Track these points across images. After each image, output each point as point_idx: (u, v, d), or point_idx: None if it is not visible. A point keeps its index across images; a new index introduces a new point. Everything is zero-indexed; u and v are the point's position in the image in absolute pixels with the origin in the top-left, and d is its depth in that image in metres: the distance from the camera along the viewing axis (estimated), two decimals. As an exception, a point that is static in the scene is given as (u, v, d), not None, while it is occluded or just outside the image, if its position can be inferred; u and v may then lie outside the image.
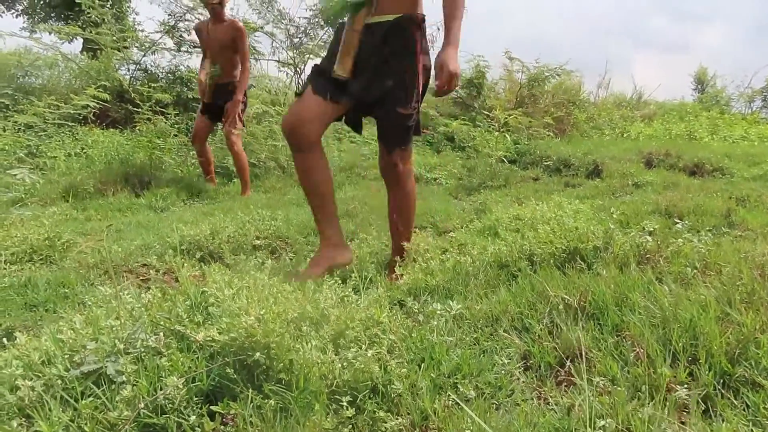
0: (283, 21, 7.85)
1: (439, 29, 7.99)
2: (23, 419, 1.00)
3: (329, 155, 6.32)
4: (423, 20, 2.12)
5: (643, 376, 1.25)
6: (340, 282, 1.53)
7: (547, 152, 6.31)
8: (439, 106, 8.70)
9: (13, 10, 11.70)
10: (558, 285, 1.74)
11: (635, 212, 3.23)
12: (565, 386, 1.33)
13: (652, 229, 2.04)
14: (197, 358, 1.15)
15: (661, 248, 1.95)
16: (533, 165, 6.14)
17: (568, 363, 1.41)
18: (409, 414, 1.10)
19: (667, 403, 1.12)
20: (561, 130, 8.46)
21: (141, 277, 2.24)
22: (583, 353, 1.27)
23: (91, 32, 7.03)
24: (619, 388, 1.17)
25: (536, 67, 8.83)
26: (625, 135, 9.25)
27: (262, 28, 7.78)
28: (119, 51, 7.12)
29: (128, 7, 11.06)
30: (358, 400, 1.12)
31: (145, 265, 2.47)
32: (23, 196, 3.72)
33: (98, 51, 7.34)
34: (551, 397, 1.27)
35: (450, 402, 1.14)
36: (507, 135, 6.84)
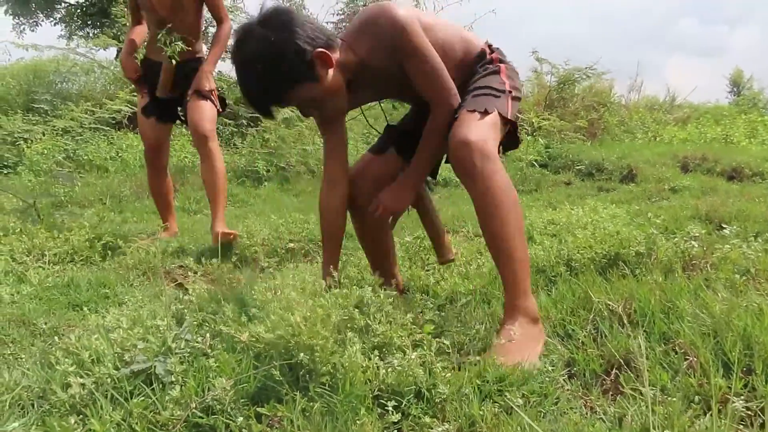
0: (311, 26, 7.91)
1: None
2: (76, 416, 1.02)
3: (357, 158, 6.35)
4: None
5: (695, 386, 1.21)
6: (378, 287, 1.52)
7: (579, 156, 6.22)
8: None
9: (51, 19, 12.08)
10: (600, 291, 1.70)
11: (674, 217, 3.15)
12: (612, 395, 1.29)
13: (697, 234, 1.98)
14: (242, 359, 1.15)
15: (707, 254, 1.90)
16: (565, 169, 6.05)
17: (613, 371, 1.38)
18: (456, 420, 1.08)
19: (724, 416, 1.07)
20: (591, 134, 8.33)
21: (181, 278, 2.27)
22: (645, 358, 1.24)
23: (123, 41, 7.21)
24: (672, 399, 1.13)
25: (566, 69, 8.72)
26: (658, 139, 9.06)
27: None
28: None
29: (161, 14, 11.33)
30: (402, 405, 1.10)
31: (182, 266, 2.50)
32: (63, 198, 3.82)
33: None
34: (598, 406, 1.24)
35: (496, 409, 1.12)
36: (539, 139, 6.76)
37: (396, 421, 1.06)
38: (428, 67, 1.52)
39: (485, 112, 1.50)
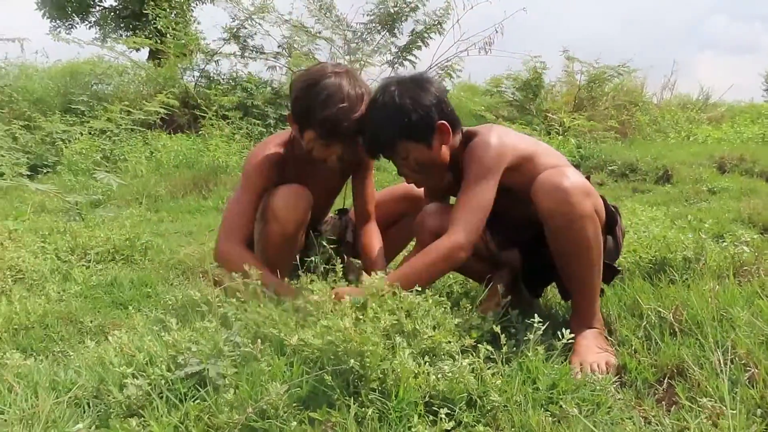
0: (340, 26, 7.93)
1: (497, 31, 7.86)
2: (132, 418, 1.03)
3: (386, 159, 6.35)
4: None
5: (757, 399, 1.16)
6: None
7: (612, 156, 6.09)
8: (494, 107, 8.59)
9: (86, 22, 12.37)
10: (649, 297, 1.66)
11: (716, 220, 3.06)
12: (667, 405, 1.26)
13: (748, 239, 1.91)
14: (293, 362, 1.15)
15: (758, 260, 1.83)
16: (597, 169, 5.94)
17: (666, 380, 1.34)
18: (510, 428, 1.06)
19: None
20: (622, 133, 8.18)
21: (219, 278, 2.29)
22: (725, 368, 1.20)
23: (156, 42, 7.35)
24: (733, 411, 1.09)
25: (597, 67, 8.59)
26: (691, 138, 8.82)
27: (320, 33, 7.89)
28: (185, 56, 7.39)
29: (191, 17, 11.52)
30: (455, 413, 1.09)
31: (220, 266, 2.52)
32: (101, 197, 3.90)
33: (162, 59, 7.65)
34: (653, 416, 1.21)
35: (550, 417, 1.10)
36: (570, 139, 6.66)
37: (449, 429, 1.04)
38: (470, 197, 1.50)
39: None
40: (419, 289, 1.33)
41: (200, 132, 6.27)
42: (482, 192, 1.50)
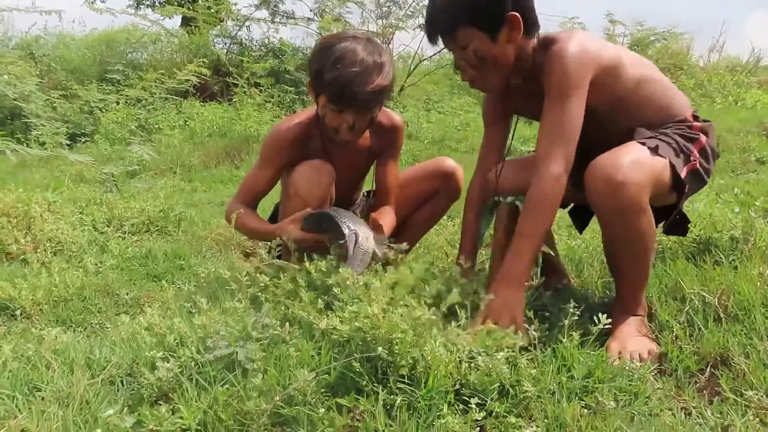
0: (373, -10, 7.73)
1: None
2: (164, 403, 1.04)
3: (418, 127, 6.26)
4: None
5: (808, 393, 1.10)
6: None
7: (654, 123, 5.84)
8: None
9: (119, -12, 12.41)
10: (692, 280, 1.58)
11: (766, 196, 2.90)
12: (709, 396, 1.21)
13: (803, 219, 1.80)
14: (321, 346, 1.14)
15: (813, 241, 1.73)
16: (638, 138, 5.71)
17: (708, 369, 1.28)
18: (543, 419, 1.03)
19: None
20: (666, 98, 7.84)
21: (250, 251, 2.30)
22: None
23: (189, 9, 7.32)
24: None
25: (641, 30, 8.21)
26: (739, 103, 8.37)
27: (352, -2, 7.72)
28: (219, 21, 7.34)
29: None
30: (486, 403, 1.07)
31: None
32: (137, 168, 3.97)
33: (195, 27, 7.62)
34: (694, 408, 1.16)
35: (585, 410, 1.07)
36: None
37: (479, 419, 1.02)
38: (556, 120, 1.36)
39: (656, 151, 1.36)
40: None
41: (233, 100, 6.28)
42: (570, 111, 1.34)
